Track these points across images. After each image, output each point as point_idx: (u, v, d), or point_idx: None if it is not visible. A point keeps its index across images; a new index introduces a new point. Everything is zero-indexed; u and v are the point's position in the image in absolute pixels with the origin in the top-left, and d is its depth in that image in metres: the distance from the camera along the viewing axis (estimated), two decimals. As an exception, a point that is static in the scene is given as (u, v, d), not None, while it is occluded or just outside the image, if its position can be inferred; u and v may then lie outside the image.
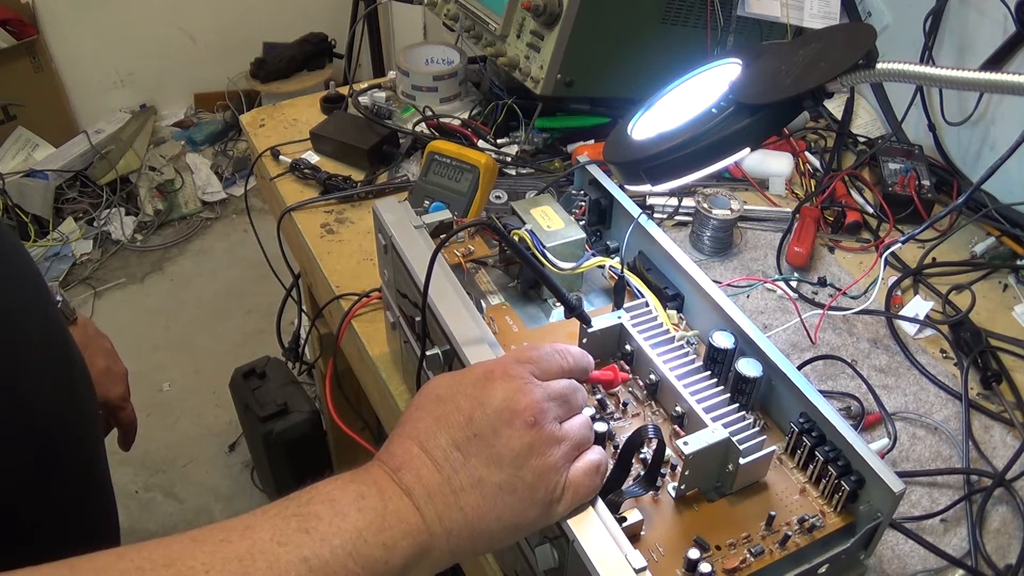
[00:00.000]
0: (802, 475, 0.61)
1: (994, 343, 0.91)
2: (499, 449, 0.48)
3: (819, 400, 0.59)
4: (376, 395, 0.93)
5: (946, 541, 0.72)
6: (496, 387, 0.50)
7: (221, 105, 3.10)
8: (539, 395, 0.50)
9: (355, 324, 0.91)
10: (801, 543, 0.56)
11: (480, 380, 0.51)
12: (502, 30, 1.15)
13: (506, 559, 0.65)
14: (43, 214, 2.63)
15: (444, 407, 0.50)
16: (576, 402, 0.54)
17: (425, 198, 0.96)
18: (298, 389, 1.67)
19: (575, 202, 0.82)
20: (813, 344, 0.90)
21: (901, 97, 1.22)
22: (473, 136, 1.20)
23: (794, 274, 1.00)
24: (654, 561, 0.55)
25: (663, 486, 0.59)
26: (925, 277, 1.01)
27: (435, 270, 0.62)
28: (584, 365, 0.57)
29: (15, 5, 2.61)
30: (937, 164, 1.17)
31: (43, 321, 0.66)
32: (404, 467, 0.48)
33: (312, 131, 1.19)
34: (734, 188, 1.13)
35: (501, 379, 0.51)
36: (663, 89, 0.70)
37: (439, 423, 0.49)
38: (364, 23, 2.50)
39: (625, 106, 0.75)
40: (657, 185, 0.64)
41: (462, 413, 0.49)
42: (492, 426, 0.49)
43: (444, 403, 0.50)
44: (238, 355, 2.04)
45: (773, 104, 0.59)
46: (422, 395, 0.52)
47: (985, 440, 0.81)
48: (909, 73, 0.56)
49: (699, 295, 0.69)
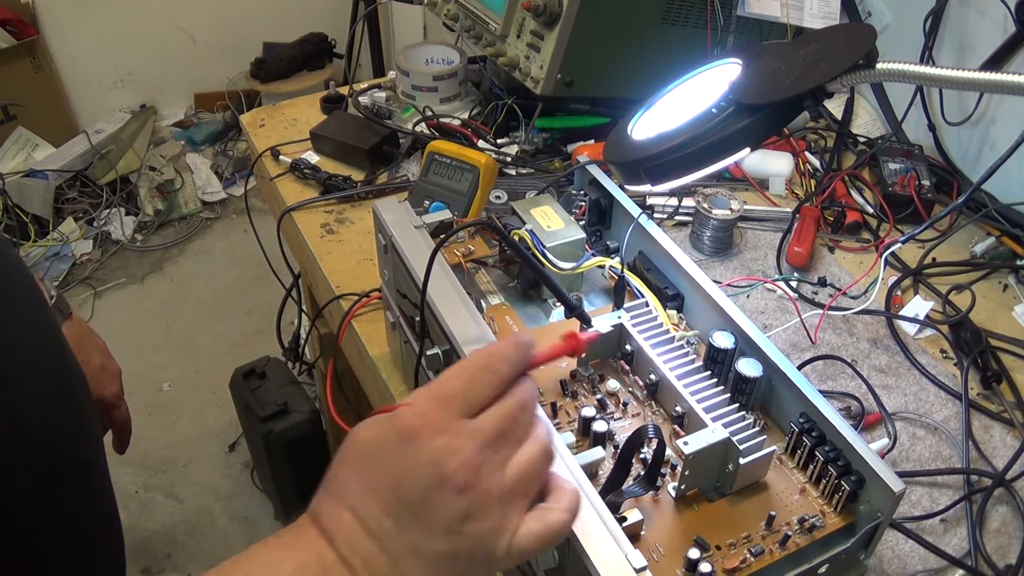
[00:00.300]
0: (802, 475, 0.61)
1: (994, 343, 0.91)
2: (433, 517, 0.44)
3: (819, 400, 0.59)
4: (376, 395, 0.93)
5: (946, 541, 0.72)
6: (422, 448, 0.44)
7: (221, 105, 3.10)
8: (470, 450, 0.44)
9: (355, 324, 0.91)
10: (801, 543, 0.56)
11: (404, 438, 0.44)
12: (502, 30, 1.15)
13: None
14: (43, 214, 2.63)
15: (370, 469, 0.45)
16: (520, 431, 0.47)
17: (425, 198, 0.96)
18: (298, 389, 1.67)
19: (575, 202, 0.82)
20: (813, 344, 0.90)
21: (901, 97, 1.22)
22: (473, 136, 1.20)
23: (794, 274, 1.00)
24: (654, 561, 0.55)
25: (663, 486, 0.59)
26: (925, 277, 1.01)
27: (435, 270, 0.62)
28: (520, 359, 0.49)
29: (15, 5, 2.61)
30: (937, 164, 1.17)
31: (35, 325, 0.65)
32: (338, 535, 0.44)
33: (312, 131, 1.19)
34: (734, 188, 1.13)
35: (426, 437, 0.44)
36: (663, 89, 0.70)
37: (367, 489, 0.45)
38: (364, 23, 2.50)
39: (625, 106, 0.75)
40: (657, 185, 0.64)
41: (390, 478, 0.44)
42: (423, 494, 0.44)
43: (370, 464, 0.45)
44: (238, 355, 2.04)
45: (773, 104, 0.59)
46: (348, 448, 0.46)
47: (985, 440, 0.81)
48: (909, 73, 0.56)
49: (699, 295, 0.69)
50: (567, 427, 0.64)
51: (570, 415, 0.65)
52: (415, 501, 0.44)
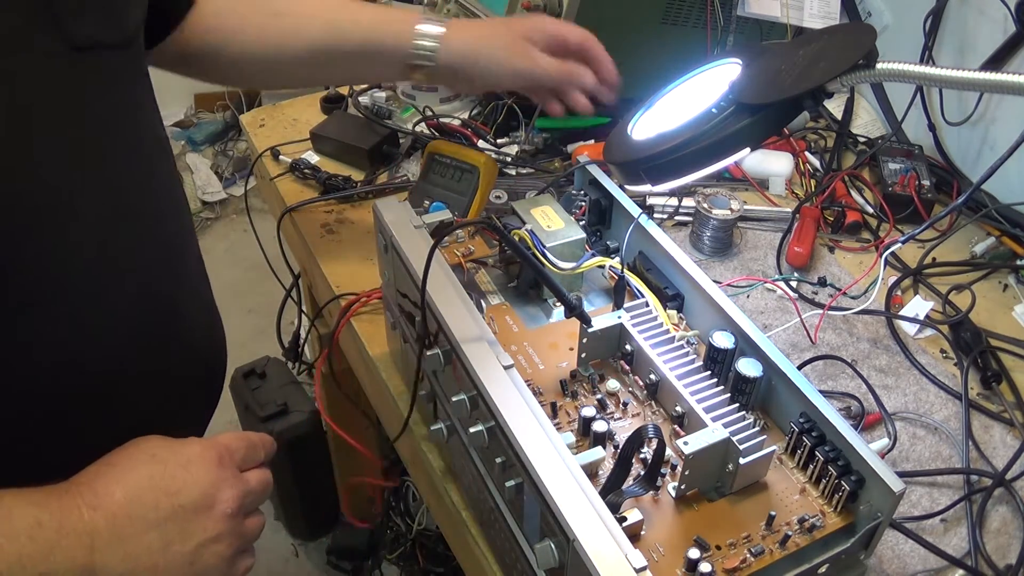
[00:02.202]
0: (802, 475, 0.61)
1: (994, 343, 0.91)
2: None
3: (819, 400, 0.59)
4: (376, 395, 0.93)
5: (946, 541, 0.72)
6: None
7: (221, 105, 3.10)
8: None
9: (355, 324, 0.91)
10: (801, 543, 0.56)
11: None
12: (502, 30, 1.14)
13: (506, 558, 0.65)
14: (43, 214, 2.63)
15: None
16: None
17: (425, 198, 0.96)
18: (298, 389, 1.67)
19: (575, 202, 0.82)
20: (813, 344, 0.90)
21: (901, 97, 1.22)
22: (473, 136, 1.20)
23: (794, 274, 1.00)
24: (654, 561, 0.55)
25: (663, 486, 0.59)
26: (925, 277, 1.01)
27: (435, 270, 0.62)
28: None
29: (15, 5, 2.61)
30: (937, 164, 1.17)
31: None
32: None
33: (312, 131, 1.19)
34: (734, 188, 1.13)
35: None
36: (663, 89, 0.70)
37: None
38: (364, 23, 2.50)
39: (625, 106, 0.75)
40: (657, 185, 0.64)
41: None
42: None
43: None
44: (238, 355, 2.03)
45: (773, 104, 0.59)
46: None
47: (985, 440, 0.81)
48: (909, 73, 0.56)
49: (699, 295, 0.69)
50: (567, 427, 0.64)
51: (570, 415, 0.65)
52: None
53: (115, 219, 0.61)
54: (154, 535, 0.50)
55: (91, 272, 0.59)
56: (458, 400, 0.61)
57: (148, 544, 0.50)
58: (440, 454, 0.77)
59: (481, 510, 0.68)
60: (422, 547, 1.61)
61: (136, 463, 0.53)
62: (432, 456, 0.77)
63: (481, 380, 0.57)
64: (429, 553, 1.61)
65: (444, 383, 0.68)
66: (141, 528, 0.50)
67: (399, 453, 0.92)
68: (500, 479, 0.58)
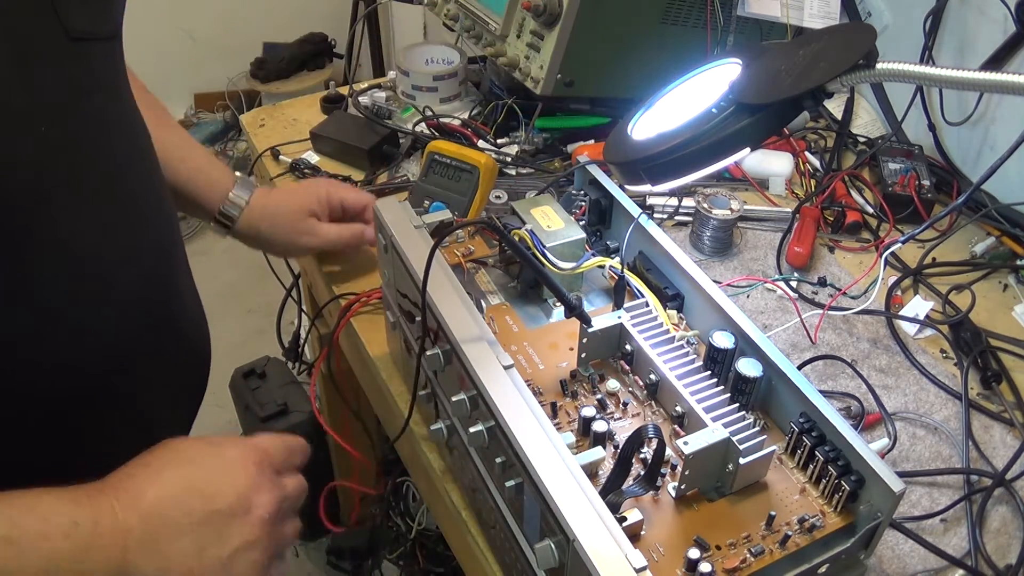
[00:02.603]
0: (802, 475, 0.61)
1: (994, 343, 0.91)
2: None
3: (819, 400, 0.59)
4: (376, 395, 0.93)
5: (946, 541, 0.72)
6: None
7: (221, 105, 3.10)
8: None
9: (355, 324, 0.91)
10: (801, 543, 0.56)
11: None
12: (502, 30, 1.15)
13: (506, 558, 0.65)
14: (43, 214, 2.63)
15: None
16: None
17: (425, 198, 0.96)
18: (298, 389, 1.67)
19: (575, 202, 0.82)
20: (813, 344, 0.90)
21: (901, 97, 1.22)
22: (473, 136, 1.20)
23: (794, 274, 1.00)
24: (654, 561, 0.55)
25: (663, 486, 0.59)
26: (925, 277, 1.01)
27: (435, 270, 0.62)
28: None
29: (15, 5, 2.61)
30: (937, 164, 1.17)
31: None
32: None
33: (312, 131, 1.19)
34: (734, 188, 1.13)
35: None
36: (663, 89, 0.70)
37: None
38: (364, 23, 2.50)
39: (625, 106, 0.75)
40: (657, 185, 0.64)
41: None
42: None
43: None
44: (238, 355, 2.03)
45: (773, 104, 0.59)
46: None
47: (985, 440, 0.81)
48: (909, 73, 0.56)
49: (699, 295, 0.69)
50: (567, 427, 0.64)
51: (570, 415, 0.65)
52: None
53: (115, 213, 0.60)
54: (188, 539, 0.49)
55: (91, 267, 0.58)
56: (458, 400, 0.61)
57: (182, 548, 0.49)
58: (440, 454, 0.77)
59: (481, 510, 0.68)
60: (422, 547, 1.61)
61: (171, 464, 0.52)
62: (432, 456, 0.77)
63: (481, 380, 0.57)
64: (429, 553, 1.61)
65: (444, 383, 0.68)
66: (174, 531, 0.49)
67: (399, 453, 0.92)
68: (500, 479, 0.58)
